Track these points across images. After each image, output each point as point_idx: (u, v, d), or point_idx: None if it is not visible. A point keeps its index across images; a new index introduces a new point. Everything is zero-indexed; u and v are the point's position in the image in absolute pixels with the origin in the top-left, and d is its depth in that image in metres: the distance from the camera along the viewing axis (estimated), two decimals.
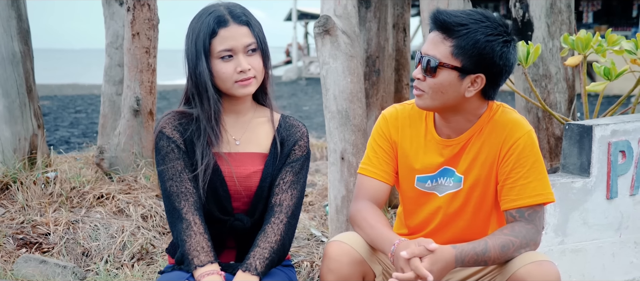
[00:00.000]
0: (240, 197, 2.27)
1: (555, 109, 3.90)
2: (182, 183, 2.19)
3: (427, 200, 2.37)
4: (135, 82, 4.92)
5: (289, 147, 2.29)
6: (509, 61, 2.19)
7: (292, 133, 2.31)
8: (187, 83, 2.24)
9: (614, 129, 2.95)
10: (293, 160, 2.29)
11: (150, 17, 4.90)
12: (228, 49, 2.16)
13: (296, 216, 2.27)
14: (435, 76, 2.19)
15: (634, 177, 3.01)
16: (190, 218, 2.17)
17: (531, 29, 3.85)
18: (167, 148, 2.21)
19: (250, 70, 2.19)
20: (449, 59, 2.17)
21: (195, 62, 2.17)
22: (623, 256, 3.04)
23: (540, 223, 2.22)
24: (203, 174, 2.19)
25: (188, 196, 2.19)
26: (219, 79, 2.18)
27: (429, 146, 2.35)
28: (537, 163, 2.23)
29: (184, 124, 2.23)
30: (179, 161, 2.20)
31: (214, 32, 2.16)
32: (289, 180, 2.26)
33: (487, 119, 2.29)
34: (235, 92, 2.20)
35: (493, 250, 2.13)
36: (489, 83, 2.21)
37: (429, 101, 2.24)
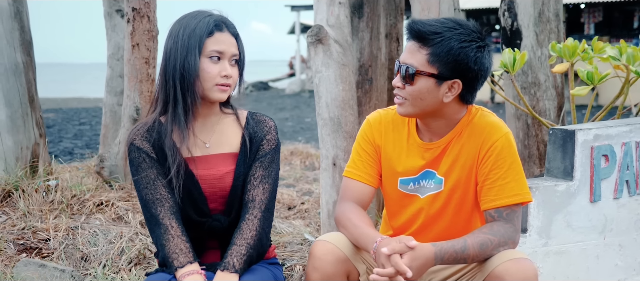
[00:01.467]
0: (216, 198, 2.36)
1: (544, 116, 3.97)
2: (156, 190, 2.29)
3: (409, 202, 2.45)
4: (135, 92, 5.01)
5: (258, 142, 2.38)
6: (484, 66, 2.28)
7: (260, 129, 2.40)
8: (164, 83, 2.30)
9: (597, 134, 3.02)
10: (262, 155, 2.37)
11: (149, 29, 4.99)
12: (219, 51, 2.28)
13: (270, 210, 2.35)
14: (413, 84, 2.28)
15: (618, 181, 3.08)
16: (167, 223, 2.26)
17: (520, 38, 3.93)
18: (139, 159, 2.31)
19: (231, 78, 2.31)
20: (426, 66, 2.26)
21: (185, 57, 2.26)
22: (607, 259, 3.10)
23: (519, 222, 2.30)
24: (176, 179, 2.28)
25: (163, 202, 2.29)
26: (203, 78, 2.28)
27: (411, 150, 2.43)
28: (514, 164, 2.31)
29: (153, 133, 2.33)
30: (151, 170, 2.30)
31: (212, 32, 2.28)
32: (259, 175, 2.35)
33: (466, 123, 2.37)
34: (212, 94, 2.30)
35: (472, 248, 2.21)
36: (466, 88, 2.30)
37: (410, 108, 2.32)
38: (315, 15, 3.87)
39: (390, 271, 2.12)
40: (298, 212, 5.01)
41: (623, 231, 3.14)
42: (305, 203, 5.19)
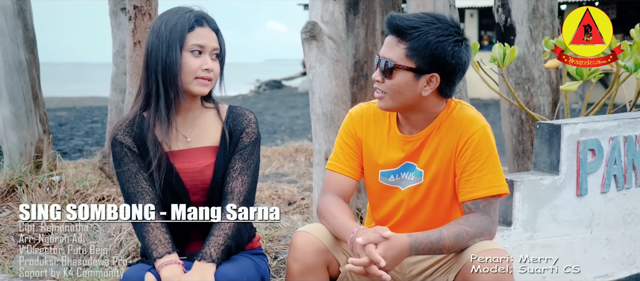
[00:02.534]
0: (197, 191, 2.41)
1: (539, 111, 3.99)
2: (138, 183, 2.35)
3: (390, 194, 2.49)
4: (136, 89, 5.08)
5: (238, 135, 2.43)
6: (462, 60, 2.31)
7: (240, 122, 2.45)
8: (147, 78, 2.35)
9: (583, 128, 3.04)
10: (242, 147, 2.42)
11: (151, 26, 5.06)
12: (200, 45, 2.34)
13: (249, 201, 2.40)
14: (392, 78, 2.32)
15: (605, 175, 3.10)
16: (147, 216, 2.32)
17: (513, 34, 3.95)
18: (121, 153, 2.37)
19: (212, 72, 2.37)
20: (404, 60, 2.30)
21: (167, 51, 2.31)
22: (594, 253, 3.12)
23: (495, 214, 2.33)
24: (157, 172, 2.35)
25: (144, 195, 2.34)
26: (184, 71, 2.33)
27: (391, 143, 2.47)
28: (491, 156, 2.34)
29: (135, 128, 2.38)
30: (133, 164, 2.36)
31: (192, 27, 2.34)
32: (238, 167, 2.39)
33: (445, 116, 2.41)
34: (192, 88, 2.36)
35: (447, 238, 2.24)
36: (444, 82, 2.33)
37: (389, 101, 2.37)
38: (310, 11, 3.92)
39: (364, 261, 2.16)
40: (297, 207, 5.06)
41: (611, 225, 3.15)
42: (305, 199, 5.24)
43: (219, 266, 2.29)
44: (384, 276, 2.15)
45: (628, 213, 3.21)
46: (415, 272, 2.46)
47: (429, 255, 2.28)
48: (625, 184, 3.17)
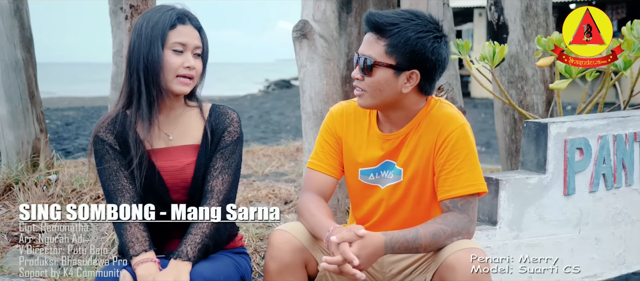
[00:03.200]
0: (178, 189, 2.41)
1: (532, 110, 3.96)
2: (118, 181, 2.35)
3: (371, 193, 2.48)
4: None
5: (219, 134, 2.42)
6: (441, 56, 2.30)
7: (222, 121, 2.44)
8: (129, 76, 2.37)
9: (571, 126, 3.01)
10: (223, 146, 2.41)
11: None
12: (182, 43, 2.35)
13: (229, 200, 2.39)
14: (372, 75, 2.31)
15: (593, 174, 3.07)
16: None
17: (506, 32, 3.93)
18: (103, 150, 2.37)
19: (194, 70, 2.37)
20: (384, 57, 2.29)
21: (148, 49, 2.32)
22: (582, 253, 3.09)
23: (474, 213, 2.31)
24: (138, 170, 2.35)
25: (124, 193, 2.34)
26: (166, 69, 2.34)
27: (371, 141, 2.46)
28: (470, 154, 2.32)
29: (117, 125, 2.39)
30: (114, 161, 2.36)
31: (174, 24, 2.35)
32: (219, 166, 2.39)
33: (425, 114, 2.39)
34: (173, 86, 2.36)
35: (424, 237, 2.23)
36: (424, 79, 2.32)
37: (369, 99, 2.35)
38: (302, 10, 3.91)
39: (338, 259, 2.15)
40: (293, 206, 5.05)
41: (600, 224, 3.12)
42: None
43: (195, 265, 2.28)
44: (358, 275, 2.14)
45: (618, 212, 3.18)
46: (395, 271, 2.44)
47: (406, 253, 2.26)
48: (614, 183, 3.14)
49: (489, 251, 2.87)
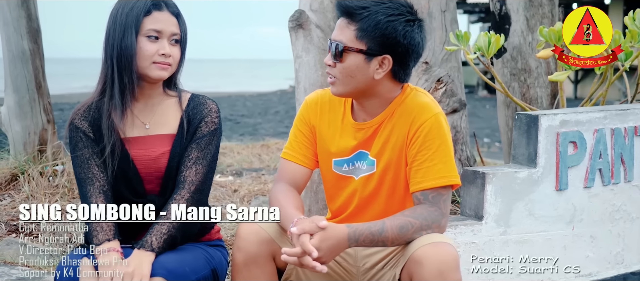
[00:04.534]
0: (152, 179, 2.38)
1: (535, 104, 3.84)
2: (89, 169, 2.32)
3: (345, 184, 2.41)
4: None
5: (196, 124, 2.38)
6: (414, 40, 2.22)
7: (200, 111, 2.40)
8: (104, 63, 2.34)
9: (564, 119, 2.90)
10: (199, 136, 2.37)
11: None
12: (157, 30, 2.31)
13: (201, 191, 2.34)
14: (342, 61, 2.24)
15: (588, 169, 2.95)
16: (93, 201, 2.29)
17: (508, 23, 3.81)
18: (76, 137, 2.34)
19: (170, 57, 2.33)
20: (354, 42, 2.22)
21: (122, 36, 2.29)
22: (576, 250, 2.97)
23: (445, 206, 2.22)
24: (110, 159, 2.31)
25: (94, 181, 2.31)
26: (140, 56, 2.31)
27: (344, 130, 2.39)
28: (443, 145, 2.24)
29: (93, 113, 2.36)
30: (86, 149, 2.33)
31: (149, 11, 2.31)
32: (194, 156, 2.34)
33: (399, 103, 2.31)
34: (150, 72, 2.33)
35: (390, 230, 2.15)
36: (397, 64, 2.24)
37: (341, 87, 2.28)
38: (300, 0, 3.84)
39: (297, 251, 2.08)
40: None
41: (595, 221, 3.00)
42: None
43: (159, 256, 2.24)
44: (318, 267, 2.07)
45: (616, 209, 3.05)
46: (369, 265, 2.37)
47: (372, 247, 2.19)
48: (612, 179, 3.02)
49: (474, 247, 2.78)
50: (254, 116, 14.97)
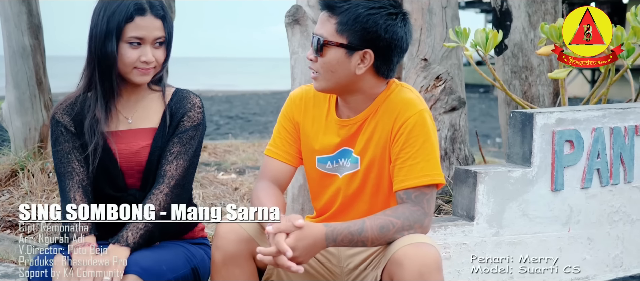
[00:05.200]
0: (133, 173, 2.34)
1: (537, 102, 3.75)
2: (69, 163, 2.28)
3: (329, 182, 2.35)
4: None
5: (178, 118, 2.34)
6: (397, 34, 2.15)
7: (183, 105, 2.36)
8: (88, 61, 2.31)
9: (560, 117, 2.81)
10: (182, 131, 2.33)
11: None
12: (139, 37, 2.27)
13: (182, 186, 2.29)
14: (323, 55, 2.19)
15: (586, 169, 2.86)
16: (71, 196, 2.25)
17: (510, 19, 3.73)
18: (57, 132, 2.32)
19: (153, 62, 2.28)
20: (335, 36, 2.16)
21: (103, 41, 2.25)
22: (572, 252, 2.89)
23: (429, 206, 2.16)
24: (92, 155, 2.27)
25: (73, 175, 2.28)
26: (121, 62, 2.27)
27: (328, 127, 2.33)
28: (426, 143, 2.17)
29: (75, 107, 2.33)
30: (67, 143, 2.30)
31: (131, 17, 2.25)
32: (175, 151, 2.30)
33: (383, 99, 2.25)
34: (132, 78, 2.30)
35: (370, 230, 2.09)
36: (380, 59, 2.18)
37: (323, 82, 2.22)
38: None
39: (272, 250, 2.03)
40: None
41: (593, 223, 2.91)
42: None
43: (135, 252, 2.19)
44: (293, 267, 2.01)
45: (614, 211, 2.96)
46: (352, 265, 2.31)
47: (352, 246, 2.12)
48: (611, 179, 2.93)
49: (465, 248, 2.70)
50: (266, 114, 14.94)
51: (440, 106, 3.62)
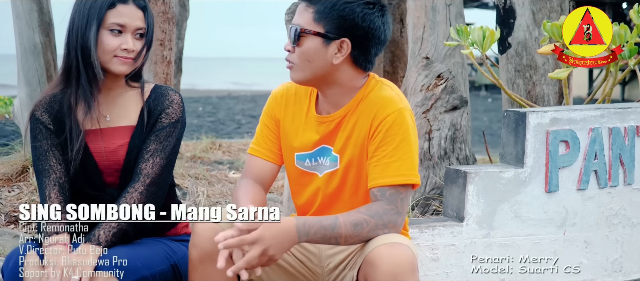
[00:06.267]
0: (111, 172, 2.33)
1: (542, 102, 3.68)
2: (46, 161, 2.27)
3: (309, 180, 2.32)
4: (150, 74, 5.07)
5: (157, 115, 2.32)
6: (374, 24, 2.13)
7: (161, 102, 2.34)
8: (67, 53, 2.30)
9: (555, 117, 2.74)
10: (159, 128, 2.31)
11: (164, 11, 5.05)
12: (121, 24, 2.26)
13: (158, 184, 2.27)
14: (300, 45, 2.17)
15: (582, 170, 2.79)
16: (47, 193, 2.25)
17: (513, 16, 3.66)
18: (36, 129, 2.30)
19: (133, 52, 2.27)
20: (311, 25, 2.15)
21: (84, 29, 2.25)
22: (568, 256, 2.81)
23: (403, 205, 2.11)
24: (71, 151, 2.26)
25: (50, 173, 2.27)
26: (101, 50, 2.26)
27: (308, 124, 2.30)
28: (404, 142, 2.12)
29: (54, 105, 2.31)
30: (45, 141, 2.29)
31: (113, 4, 2.26)
32: (152, 148, 2.29)
33: (363, 96, 2.21)
34: (111, 67, 2.28)
35: (344, 226, 2.05)
36: (358, 49, 2.16)
37: (300, 72, 2.20)
38: None
39: (230, 233, 1.99)
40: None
41: (590, 226, 2.84)
42: None
43: (110, 250, 2.18)
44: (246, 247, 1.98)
45: (614, 213, 2.88)
46: (332, 265, 2.28)
47: (326, 243, 2.09)
48: (609, 181, 2.84)
49: (454, 250, 2.65)
50: None
51: (441, 105, 3.56)
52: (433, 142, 3.52)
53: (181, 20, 6.40)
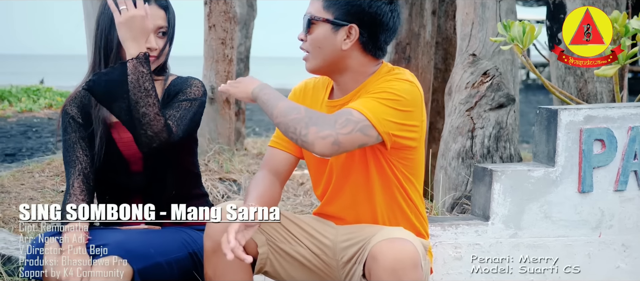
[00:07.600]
0: (136, 160, 2.43)
1: (593, 100, 3.54)
2: (73, 152, 2.40)
3: (324, 165, 2.35)
4: (211, 72, 5.22)
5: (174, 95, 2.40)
6: (381, 10, 2.17)
7: (180, 86, 2.42)
8: (95, 50, 2.42)
9: (589, 114, 2.65)
10: (176, 101, 2.37)
11: (226, 10, 5.18)
12: None
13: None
14: (311, 32, 2.23)
15: (620, 170, 2.67)
16: (71, 183, 2.37)
17: (564, 12, 3.54)
18: (66, 122, 2.44)
19: (156, 50, 2.37)
20: (321, 12, 2.21)
21: (109, 28, 2.36)
22: (604, 259, 2.70)
23: (343, 127, 2.06)
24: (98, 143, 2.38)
25: (76, 164, 2.38)
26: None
27: (321, 111, 2.33)
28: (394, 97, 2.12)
29: (83, 99, 2.45)
30: (74, 134, 2.42)
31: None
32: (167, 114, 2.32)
33: (374, 81, 2.22)
34: None
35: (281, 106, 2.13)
36: (366, 35, 2.19)
37: (312, 60, 2.25)
38: None
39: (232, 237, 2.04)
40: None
41: (629, 229, 2.72)
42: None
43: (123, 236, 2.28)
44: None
45: None
46: (346, 258, 2.29)
47: (263, 109, 2.17)
48: None
49: (478, 249, 2.60)
50: None
51: (485, 103, 3.49)
52: (476, 140, 3.45)
53: (249, 19, 6.52)
